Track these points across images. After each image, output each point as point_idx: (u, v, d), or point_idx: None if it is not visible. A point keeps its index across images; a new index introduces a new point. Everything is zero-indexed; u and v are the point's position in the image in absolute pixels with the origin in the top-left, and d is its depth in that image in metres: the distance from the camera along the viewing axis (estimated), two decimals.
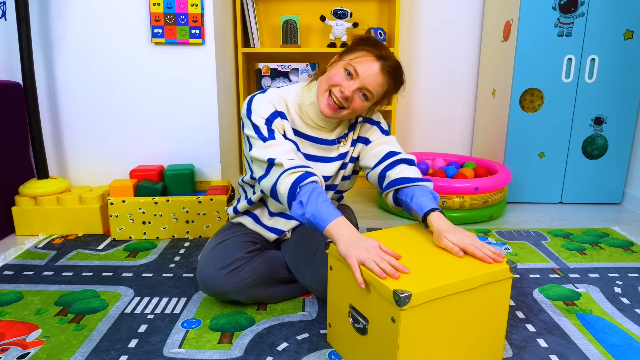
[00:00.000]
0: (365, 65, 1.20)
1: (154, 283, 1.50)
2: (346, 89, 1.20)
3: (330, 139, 1.36)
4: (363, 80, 1.20)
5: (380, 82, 1.21)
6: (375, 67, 1.20)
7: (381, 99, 1.28)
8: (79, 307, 1.35)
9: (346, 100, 1.22)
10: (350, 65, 1.20)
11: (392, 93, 1.29)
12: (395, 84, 1.25)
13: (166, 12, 1.90)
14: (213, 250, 1.31)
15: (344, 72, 1.21)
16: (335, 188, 1.43)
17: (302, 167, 1.16)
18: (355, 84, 1.20)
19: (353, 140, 1.40)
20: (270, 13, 2.63)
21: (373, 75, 1.20)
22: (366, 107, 1.27)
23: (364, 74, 1.19)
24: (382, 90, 1.24)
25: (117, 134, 2.06)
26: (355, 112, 1.26)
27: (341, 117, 1.28)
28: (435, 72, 2.79)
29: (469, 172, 2.23)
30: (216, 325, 1.25)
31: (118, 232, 1.85)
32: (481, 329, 1.03)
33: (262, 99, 1.28)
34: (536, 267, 1.64)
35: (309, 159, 1.35)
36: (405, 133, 2.89)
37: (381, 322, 0.95)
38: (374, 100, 1.27)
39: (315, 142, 1.34)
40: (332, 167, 1.37)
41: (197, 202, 1.85)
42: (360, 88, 1.21)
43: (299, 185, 1.13)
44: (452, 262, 1.03)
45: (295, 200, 1.12)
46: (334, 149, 1.37)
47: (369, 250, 1.00)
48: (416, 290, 0.89)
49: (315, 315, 1.31)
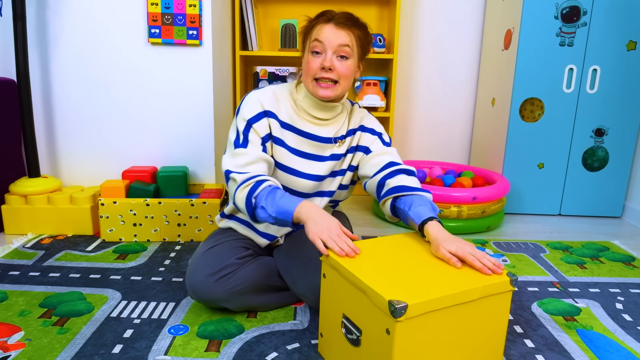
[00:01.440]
0: (321, 33, 1.23)
1: (142, 287, 1.46)
2: (325, 61, 1.23)
3: (327, 136, 1.34)
4: (330, 45, 1.22)
5: (344, 35, 1.23)
6: (330, 27, 1.23)
7: (360, 50, 1.29)
8: (64, 309, 1.31)
9: (331, 72, 1.23)
10: (312, 44, 1.24)
11: (366, 39, 1.30)
12: (360, 28, 1.27)
13: (164, 12, 1.88)
14: (203, 256, 1.27)
15: (312, 55, 1.25)
16: (331, 195, 1.40)
17: (253, 178, 1.18)
18: (327, 54, 1.23)
19: (352, 147, 1.38)
20: (270, 17, 2.61)
21: (333, 34, 1.22)
22: (353, 65, 1.27)
23: (326, 39, 1.22)
24: (353, 41, 1.25)
25: (111, 134, 2.03)
26: (347, 77, 1.26)
27: (341, 92, 1.29)
28: (435, 79, 2.77)
29: (466, 182, 2.20)
30: (204, 332, 1.21)
31: (108, 234, 1.81)
32: (479, 344, 0.99)
33: (252, 98, 1.30)
34: (535, 280, 1.61)
35: (301, 156, 1.32)
36: (404, 141, 2.86)
37: (375, 334, 0.91)
38: (355, 55, 1.27)
39: (311, 138, 1.33)
40: (324, 167, 1.34)
41: (190, 205, 1.81)
42: (333, 53, 1.23)
43: (253, 196, 1.16)
44: (450, 273, 0.99)
45: (257, 209, 1.17)
46: (328, 148, 1.35)
47: (330, 229, 1.08)
48: (413, 301, 0.85)
49: (307, 325, 1.27)
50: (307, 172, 1.34)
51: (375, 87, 2.50)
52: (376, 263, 1.01)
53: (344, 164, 1.38)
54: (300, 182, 1.34)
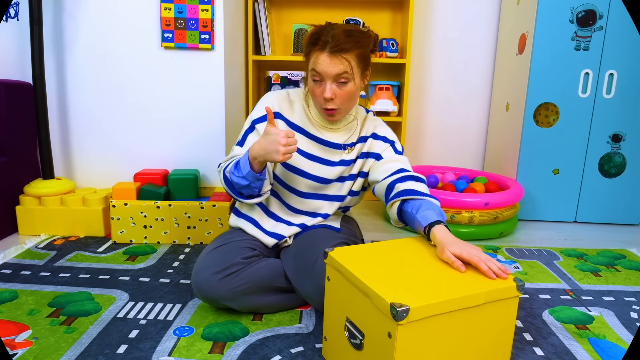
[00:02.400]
0: (318, 63, 1.23)
1: (150, 288, 1.47)
2: (326, 92, 1.24)
3: (337, 142, 1.36)
4: (327, 75, 1.22)
5: (339, 63, 1.22)
6: (325, 57, 1.22)
7: (362, 65, 1.27)
8: (72, 309, 1.32)
9: (333, 101, 1.25)
10: (311, 73, 1.26)
11: (367, 53, 1.28)
12: (356, 46, 1.23)
13: (177, 16, 1.90)
14: (209, 254, 1.28)
15: (313, 82, 1.27)
16: (342, 200, 1.41)
17: (228, 160, 1.31)
18: (327, 83, 1.24)
19: (363, 153, 1.39)
20: (283, 21, 2.62)
21: (328, 64, 1.22)
22: (353, 88, 1.27)
23: (323, 69, 1.22)
24: (351, 65, 1.23)
25: (124, 136, 2.05)
26: (350, 99, 1.28)
27: (344, 113, 1.32)
28: (448, 84, 2.75)
29: (479, 187, 2.17)
30: (209, 334, 1.21)
31: (119, 235, 1.83)
32: (484, 350, 0.97)
33: (266, 99, 1.37)
34: (547, 288, 1.57)
35: (310, 159, 1.36)
36: (416, 145, 2.84)
37: (377, 337, 0.90)
38: (356, 75, 1.26)
39: (320, 142, 1.36)
40: (333, 171, 1.37)
41: (200, 208, 1.82)
42: (333, 81, 1.23)
43: (226, 171, 1.28)
44: (456, 277, 0.97)
45: (231, 177, 1.25)
46: (338, 154, 1.37)
47: (272, 142, 1.15)
48: (415, 305, 0.84)
49: (312, 328, 1.26)
50: (312, 174, 1.35)
51: (387, 91, 2.49)
52: (381, 266, 1.00)
53: (354, 169, 1.39)
54: (300, 181, 1.36)
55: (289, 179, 1.37)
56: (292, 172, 1.36)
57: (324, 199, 1.39)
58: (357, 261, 1.02)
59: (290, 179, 1.37)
